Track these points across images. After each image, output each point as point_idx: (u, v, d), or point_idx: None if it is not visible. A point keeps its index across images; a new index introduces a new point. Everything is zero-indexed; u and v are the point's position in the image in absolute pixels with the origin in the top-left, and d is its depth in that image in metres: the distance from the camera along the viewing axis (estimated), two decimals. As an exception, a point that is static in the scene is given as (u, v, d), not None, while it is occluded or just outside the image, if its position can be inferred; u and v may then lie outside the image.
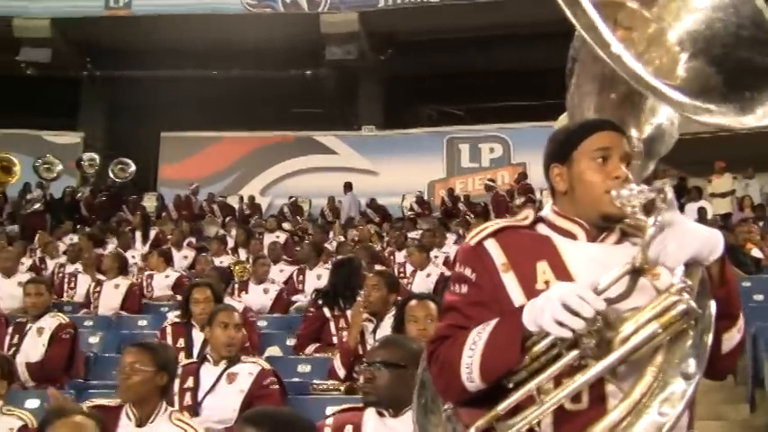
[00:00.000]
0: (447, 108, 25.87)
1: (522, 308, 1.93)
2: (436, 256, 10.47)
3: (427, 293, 4.93)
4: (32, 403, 4.95)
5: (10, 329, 6.44)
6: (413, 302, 4.57)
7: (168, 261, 10.21)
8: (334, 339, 6.28)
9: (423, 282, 8.65)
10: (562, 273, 2.02)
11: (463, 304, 2.08)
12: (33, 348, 6.12)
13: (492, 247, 2.09)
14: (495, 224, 2.15)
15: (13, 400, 4.17)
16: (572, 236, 2.11)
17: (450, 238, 13.32)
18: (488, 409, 1.93)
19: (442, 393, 2.08)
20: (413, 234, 13.36)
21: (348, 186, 19.73)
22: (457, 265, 2.15)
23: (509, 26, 20.83)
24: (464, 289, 2.10)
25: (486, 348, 1.92)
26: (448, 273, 8.66)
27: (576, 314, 1.78)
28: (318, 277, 8.92)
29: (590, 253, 2.06)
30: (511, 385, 1.91)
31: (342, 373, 5.40)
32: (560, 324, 1.79)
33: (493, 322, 1.95)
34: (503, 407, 1.91)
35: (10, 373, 4.10)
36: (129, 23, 22.36)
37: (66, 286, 10.22)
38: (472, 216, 16.25)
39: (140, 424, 3.77)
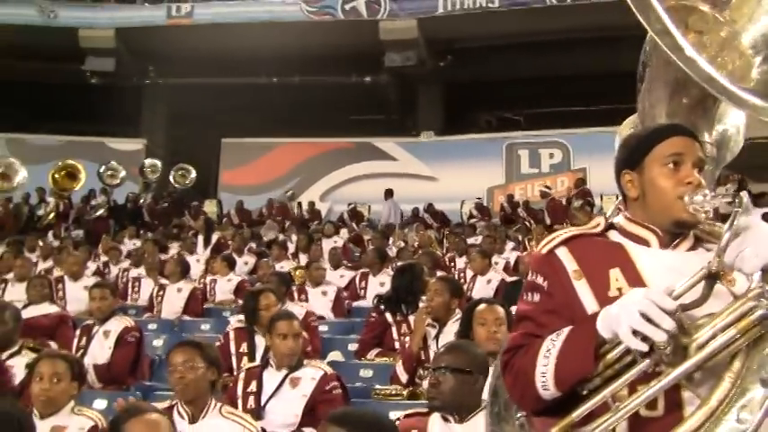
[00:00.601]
0: (506, 114, 25.79)
1: (595, 315, 1.91)
2: (496, 263, 10.40)
3: (495, 299, 4.88)
4: (100, 404, 5.03)
5: (78, 332, 6.53)
6: (481, 306, 4.57)
7: (231, 266, 10.28)
8: (396, 345, 6.29)
9: (483, 287, 8.59)
10: (635, 280, 2.00)
11: (536, 313, 2.07)
12: (100, 351, 6.18)
13: (564, 254, 2.08)
14: (566, 232, 2.14)
15: (82, 401, 4.22)
16: (645, 242, 2.09)
17: (509, 244, 13.25)
18: (562, 418, 1.92)
19: (518, 402, 2.07)
20: (472, 240, 13.30)
21: (389, 193, 19.80)
22: (529, 273, 2.15)
23: (568, 31, 20.67)
24: (537, 297, 2.09)
25: (560, 356, 1.91)
26: (508, 278, 8.62)
27: (656, 325, 1.77)
28: (381, 284, 8.90)
29: (663, 260, 2.04)
30: (585, 392, 1.90)
31: (404, 378, 5.40)
32: (637, 333, 1.78)
33: (566, 330, 1.94)
34: (577, 413, 1.90)
35: (81, 374, 4.15)
36: (190, 32, 22.63)
37: (130, 290, 10.38)
38: (532, 223, 16.13)
39: (193, 421, 3.82)
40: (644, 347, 1.78)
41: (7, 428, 2.75)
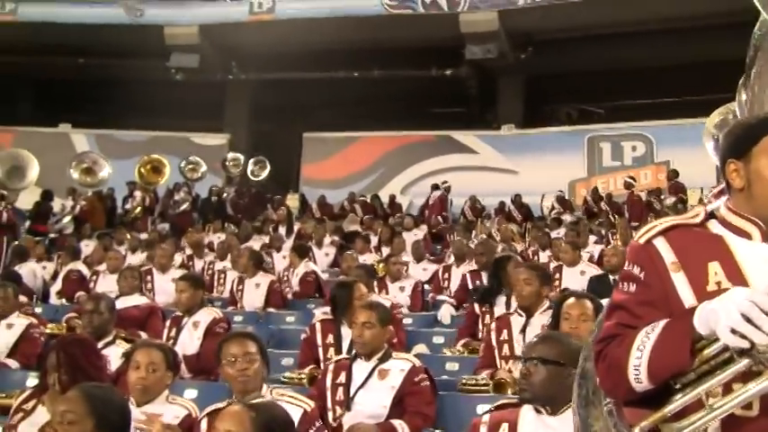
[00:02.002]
0: (587, 106, 25.50)
1: (693, 309, 1.88)
2: (580, 255, 10.27)
3: (586, 293, 4.81)
4: (190, 394, 5.10)
5: (167, 323, 6.66)
6: (570, 301, 4.53)
7: (303, 256, 10.30)
8: (481, 335, 6.33)
9: (573, 279, 8.48)
10: (735, 274, 1.96)
11: (632, 303, 2.04)
12: (189, 341, 6.29)
13: (661, 245, 2.05)
14: (664, 222, 2.10)
15: (173, 391, 4.30)
16: (747, 235, 2.04)
17: (592, 237, 13.10)
18: (652, 410, 1.89)
19: (609, 392, 2.04)
20: (554, 234, 13.18)
21: (436, 187, 19.81)
22: (626, 263, 2.12)
23: (650, 22, 20.38)
24: (633, 287, 2.06)
25: (654, 349, 1.88)
26: (598, 272, 8.51)
27: (757, 327, 1.73)
28: (463, 276, 8.86)
29: (765, 254, 1.99)
30: (678, 386, 1.87)
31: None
32: (737, 333, 1.75)
33: (662, 323, 1.91)
34: (670, 409, 1.87)
35: (175, 364, 4.24)
36: (272, 27, 22.84)
37: (215, 283, 10.54)
38: (616, 216, 15.93)
39: None
40: (744, 344, 1.74)
41: (113, 412, 2.82)
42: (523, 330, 5.42)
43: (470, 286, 8.22)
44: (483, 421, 3.35)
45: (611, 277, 8.09)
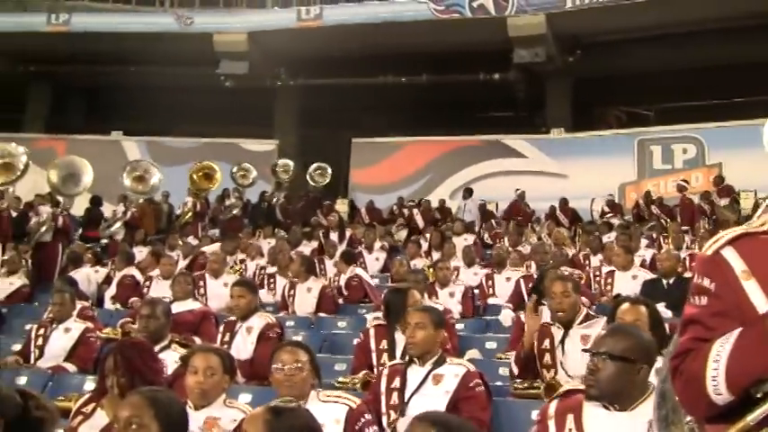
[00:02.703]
0: (636, 109, 25.32)
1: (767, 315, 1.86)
2: (633, 260, 10.17)
3: (642, 298, 4.73)
4: (245, 398, 5.12)
5: (221, 328, 6.71)
6: (624, 306, 4.49)
7: (350, 263, 10.30)
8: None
9: (626, 283, 8.40)
10: None
11: (704, 316, 2.01)
12: (243, 346, 6.32)
13: (730, 255, 2.01)
14: (731, 232, 2.07)
15: (229, 396, 4.34)
16: None
17: (643, 241, 12.97)
18: (734, 423, 1.87)
19: (689, 409, 2.01)
20: (605, 238, 13.07)
21: (468, 192, 19.81)
22: (695, 276, 2.09)
23: (699, 22, 20.16)
24: (704, 300, 2.02)
25: (731, 357, 1.86)
26: (650, 276, 8.43)
27: None
28: (517, 282, 8.82)
29: None
30: (759, 395, 1.85)
31: (516, 370, 5.48)
32: None
33: (736, 331, 1.88)
34: (752, 417, 1.84)
35: (232, 368, 4.29)
36: (319, 34, 22.96)
37: (266, 288, 10.59)
38: (667, 220, 15.76)
39: None
40: None
41: (176, 415, 2.86)
42: (562, 342, 5.38)
43: (524, 292, 8.19)
44: (550, 414, 3.32)
45: (664, 281, 8.03)
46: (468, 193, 19.84)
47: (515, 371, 5.49)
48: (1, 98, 25.78)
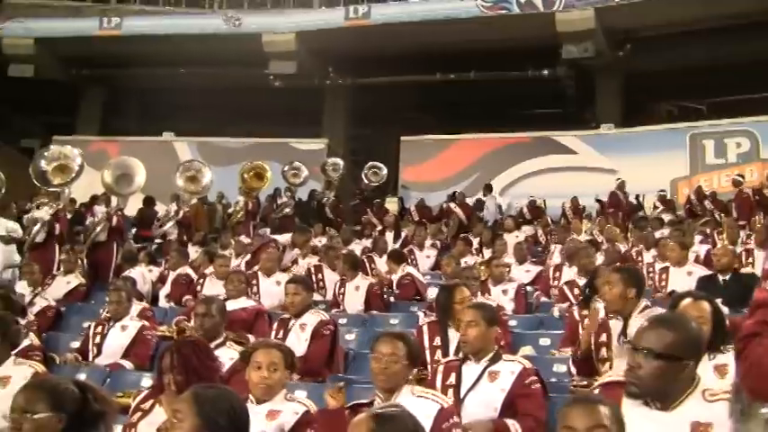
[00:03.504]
0: (688, 103, 25.03)
1: None
2: (687, 256, 10.03)
3: (704, 294, 4.62)
4: (299, 395, 5.16)
5: (275, 325, 6.76)
6: (686, 301, 4.39)
7: (399, 262, 10.28)
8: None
9: (681, 279, 8.26)
10: None
11: None
12: (297, 344, 6.33)
13: None
14: None
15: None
16: None
17: (696, 237, 12.79)
18: None
19: (752, 392, 1.98)
20: (658, 234, 12.91)
21: (488, 188, 19.76)
22: (766, 261, 2.07)
23: (750, 14, 19.90)
24: None
25: None
26: (706, 272, 8.32)
27: None
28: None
29: None
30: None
31: (573, 371, 5.44)
32: None
33: None
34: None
35: (293, 364, 4.32)
36: (368, 32, 23.01)
37: (316, 286, 10.62)
38: (722, 215, 15.54)
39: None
40: None
41: (220, 414, 2.88)
42: (623, 334, 5.28)
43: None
44: None
45: (720, 278, 7.91)
46: (488, 189, 19.73)
47: (573, 371, 5.45)
48: (56, 102, 26.25)
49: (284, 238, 11.43)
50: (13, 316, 5.54)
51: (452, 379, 4.64)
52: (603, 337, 5.39)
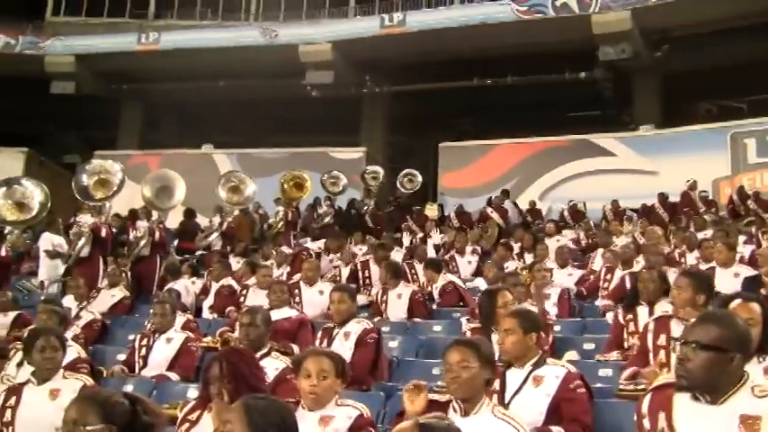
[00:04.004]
0: (728, 102, 24.77)
1: None
2: (734, 256, 9.89)
3: (754, 295, 4.55)
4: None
5: (319, 334, 6.77)
6: (736, 302, 4.33)
7: (438, 271, 10.21)
8: (625, 344, 6.16)
9: (728, 281, 8.13)
10: None
11: None
12: (341, 352, 6.29)
13: None
14: None
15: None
16: None
17: (740, 237, 12.63)
18: None
19: None
20: (701, 235, 12.77)
21: (505, 194, 19.63)
22: None
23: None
24: None
25: None
26: (752, 273, 8.21)
27: None
28: (622, 278, 8.67)
29: None
30: None
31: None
32: None
33: None
34: None
35: (344, 372, 4.29)
36: (403, 39, 23.07)
37: (363, 282, 10.68)
38: (766, 215, 15.33)
39: (465, 414, 3.88)
40: None
41: (271, 425, 2.89)
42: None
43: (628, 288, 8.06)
44: (643, 412, 3.25)
45: (766, 279, 7.79)
46: (505, 194, 19.67)
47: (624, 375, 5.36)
48: (97, 117, 26.58)
49: (317, 245, 11.47)
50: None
51: (496, 385, 4.60)
52: (662, 339, 5.28)
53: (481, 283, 10.64)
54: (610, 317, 7.81)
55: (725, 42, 21.19)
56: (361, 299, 9.81)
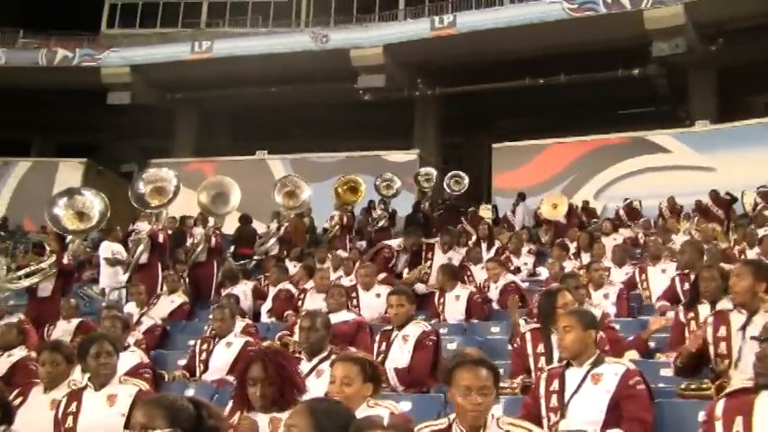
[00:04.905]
0: (786, 95, 24.39)
1: None
2: (789, 253, 9.73)
3: None
4: (405, 406, 5.14)
5: (377, 337, 6.79)
6: None
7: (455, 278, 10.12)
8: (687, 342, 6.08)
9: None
10: None
11: None
12: (400, 355, 6.36)
13: None
14: None
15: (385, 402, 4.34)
16: None
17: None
18: None
19: None
20: (762, 231, 12.56)
21: (521, 197, 19.55)
22: None
23: None
24: None
25: None
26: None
27: None
28: (672, 279, 8.56)
29: None
30: None
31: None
32: None
33: None
34: None
35: (375, 376, 4.24)
36: (454, 41, 23.06)
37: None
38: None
39: None
40: None
41: (337, 428, 2.92)
42: (743, 328, 5.11)
43: (679, 288, 7.97)
44: (717, 415, 3.21)
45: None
46: (520, 197, 19.53)
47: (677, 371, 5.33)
48: (152, 126, 26.98)
49: (395, 242, 11.38)
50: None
51: (556, 385, 4.61)
52: (722, 331, 5.20)
53: (545, 272, 10.66)
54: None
55: (782, 34, 20.88)
56: (420, 287, 9.86)
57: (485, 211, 20.01)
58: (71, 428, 4.84)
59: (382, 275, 10.03)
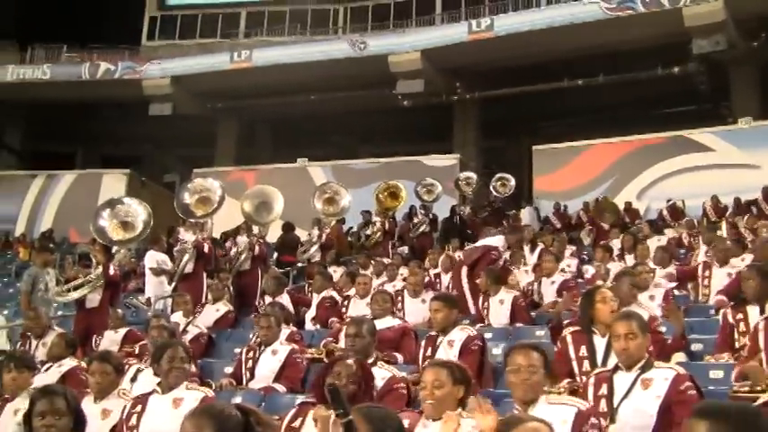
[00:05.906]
0: (831, 88, 24.02)
1: None
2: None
3: None
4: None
5: (423, 342, 6.81)
6: None
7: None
8: (737, 345, 6.02)
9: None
10: None
11: None
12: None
13: None
14: None
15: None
16: None
17: None
18: None
19: None
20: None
21: (528, 201, 19.71)
22: None
23: None
24: None
25: None
26: None
27: None
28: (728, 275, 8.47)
29: None
30: None
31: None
32: None
33: None
34: None
35: (464, 378, 4.30)
36: (492, 44, 23.01)
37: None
38: None
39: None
40: None
41: (393, 426, 2.95)
42: None
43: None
44: None
45: None
46: (527, 201, 19.40)
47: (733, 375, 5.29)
48: (193, 136, 27.25)
49: (498, 241, 11.16)
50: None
51: (604, 389, 4.58)
52: None
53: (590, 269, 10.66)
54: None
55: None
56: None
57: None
58: (134, 427, 4.97)
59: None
